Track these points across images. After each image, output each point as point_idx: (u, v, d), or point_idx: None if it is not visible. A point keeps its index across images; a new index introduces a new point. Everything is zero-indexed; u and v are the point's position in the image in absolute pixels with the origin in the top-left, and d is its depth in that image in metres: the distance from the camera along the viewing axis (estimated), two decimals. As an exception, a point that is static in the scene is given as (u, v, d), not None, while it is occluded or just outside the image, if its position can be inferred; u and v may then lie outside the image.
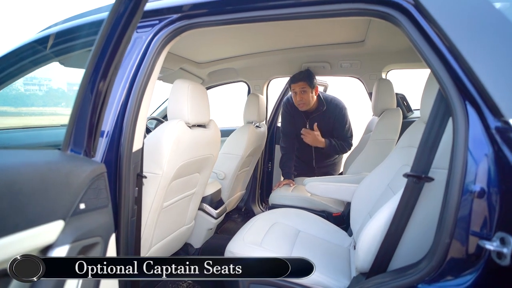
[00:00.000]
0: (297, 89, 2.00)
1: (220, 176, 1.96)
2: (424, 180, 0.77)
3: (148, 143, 1.15)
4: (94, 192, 0.63)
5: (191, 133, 1.26)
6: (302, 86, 1.97)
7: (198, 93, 1.29)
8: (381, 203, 1.21)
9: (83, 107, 0.67)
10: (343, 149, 2.13)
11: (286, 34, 1.74)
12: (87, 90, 0.67)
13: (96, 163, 0.66)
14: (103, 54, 0.64)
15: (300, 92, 1.99)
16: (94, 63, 0.64)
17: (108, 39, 0.65)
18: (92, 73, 0.65)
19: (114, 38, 0.66)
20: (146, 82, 0.96)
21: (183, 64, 2.06)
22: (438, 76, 0.70)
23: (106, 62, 0.65)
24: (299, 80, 1.97)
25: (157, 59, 0.99)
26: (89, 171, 0.62)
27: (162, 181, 1.15)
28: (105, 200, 0.68)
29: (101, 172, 0.65)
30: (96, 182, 0.64)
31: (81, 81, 0.65)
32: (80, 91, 0.65)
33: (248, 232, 1.33)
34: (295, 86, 2.00)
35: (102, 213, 0.66)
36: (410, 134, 1.20)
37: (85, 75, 0.65)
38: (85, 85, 0.65)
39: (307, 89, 1.97)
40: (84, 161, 0.64)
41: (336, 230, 1.44)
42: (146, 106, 1.00)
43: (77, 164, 0.62)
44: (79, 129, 0.68)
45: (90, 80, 0.66)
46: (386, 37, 1.68)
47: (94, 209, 0.63)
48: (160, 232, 1.36)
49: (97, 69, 0.66)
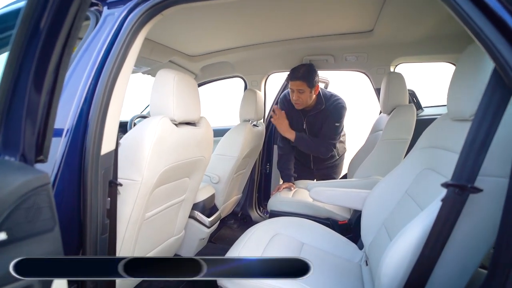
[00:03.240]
0: (294, 88, 1.81)
1: (213, 180, 1.77)
2: (470, 191, 0.60)
3: (125, 144, 0.97)
4: (26, 213, 0.45)
5: (178, 132, 1.08)
6: (300, 87, 1.78)
7: (186, 85, 1.11)
8: (399, 213, 1.04)
9: (16, 95, 0.49)
10: (318, 150, 1.91)
11: (286, 23, 1.56)
12: (22, 70, 0.49)
13: (34, 173, 0.48)
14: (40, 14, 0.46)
15: (297, 91, 1.81)
16: (28, 30, 0.46)
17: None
18: (28, 44, 0.47)
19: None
20: (117, 69, 0.78)
21: (172, 57, 1.87)
22: (495, 51, 0.53)
23: (48, 28, 0.47)
24: (297, 79, 1.78)
25: (132, 41, 0.81)
26: (17, 184, 0.43)
27: (142, 188, 0.97)
28: (48, 222, 0.49)
29: (40, 185, 0.47)
30: (32, 199, 0.46)
31: (10, 55, 0.47)
32: (7, 70, 0.47)
33: (245, 246, 1.15)
34: (293, 84, 1.81)
35: (42, 241, 0.48)
36: (433, 133, 1.03)
37: (15, 44, 0.46)
38: (18, 60, 0.47)
39: (305, 89, 1.78)
40: (13, 170, 0.46)
41: (344, 242, 1.27)
42: (119, 98, 0.82)
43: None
44: (12, 125, 0.50)
45: (27, 54, 0.48)
46: (398, 26, 1.51)
47: (26, 238, 0.44)
48: (143, 246, 1.18)
49: (33, 42, 0.47)
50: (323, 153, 1.93)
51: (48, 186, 0.50)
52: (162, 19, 0.88)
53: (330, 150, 1.93)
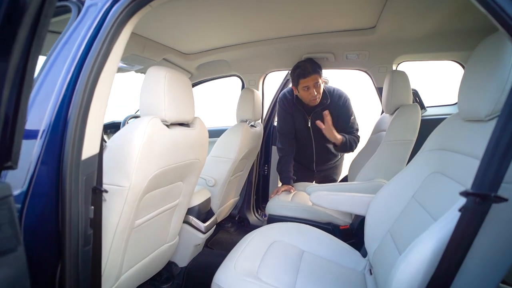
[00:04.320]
0: (310, 84, 1.73)
1: (209, 183, 1.70)
2: (493, 200, 0.53)
3: (112, 147, 0.89)
4: (-22, 232, 0.37)
5: (169, 134, 1.01)
6: (316, 80, 1.72)
7: (178, 83, 1.04)
8: (406, 220, 0.98)
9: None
10: (354, 144, 1.85)
11: (284, 19, 1.49)
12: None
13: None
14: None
15: (314, 85, 1.73)
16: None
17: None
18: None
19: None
20: (100, 65, 0.70)
21: (166, 54, 1.79)
22: None
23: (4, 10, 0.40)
24: (311, 73, 1.71)
25: (116, 35, 0.74)
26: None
27: (130, 195, 0.90)
28: (8, 241, 0.42)
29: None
30: (-14, 215, 0.38)
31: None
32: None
33: (241, 256, 1.08)
34: (307, 80, 1.72)
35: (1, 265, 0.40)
36: (442, 134, 0.97)
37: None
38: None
39: (319, 81, 1.73)
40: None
41: (346, 250, 1.20)
42: (103, 98, 0.75)
43: None
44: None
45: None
46: (402, 22, 1.45)
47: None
48: (133, 255, 1.11)
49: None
50: (355, 147, 1.89)
51: (9, 199, 0.43)
52: (155, 14, 0.81)
53: (358, 141, 1.90)
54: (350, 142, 1.82)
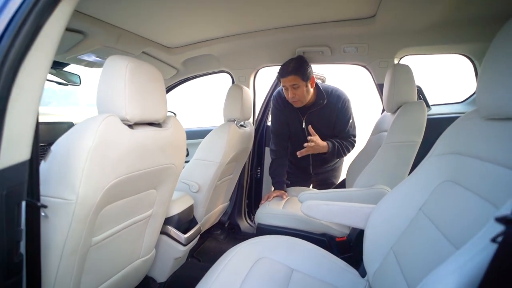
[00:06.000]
0: (287, 84, 1.59)
1: (193, 189, 1.54)
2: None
3: (56, 152, 0.74)
4: None
5: (132, 135, 0.85)
6: (293, 82, 1.57)
7: (145, 76, 0.88)
8: (413, 237, 0.82)
9: None
10: (346, 150, 1.74)
11: (276, 8, 1.34)
12: None
13: None
14: None
15: (291, 87, 1.59)
16: None
17: None
18: None
19: None
20: (22, 49, 0.54)
21: (146, 48, 1.63)
22: None
23: None
24: (288, 74, 1.56)
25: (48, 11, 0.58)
26: None
27: (79, 209, 0.74)
28: None
29: None
30: None
31: None
32: None
33: (220, 275, 0.93)
34: (285, 81, 1.59)
35: None
36: (455, 135, 0.81)
37: None
38: None
39: (299, 83, 1.57)
40: None
41: (343, 268, 1.05)
42: (35, 90, 0.59)
43: None
44: None
45: None
46: (405, 11, 1.29)
47: None
48: (96, 276, 0.96)
49: None
50: (348, 152, 1.79)
51: None
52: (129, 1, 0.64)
53: (353, 145, 1.80)
54: (341, 147, 1.70)
